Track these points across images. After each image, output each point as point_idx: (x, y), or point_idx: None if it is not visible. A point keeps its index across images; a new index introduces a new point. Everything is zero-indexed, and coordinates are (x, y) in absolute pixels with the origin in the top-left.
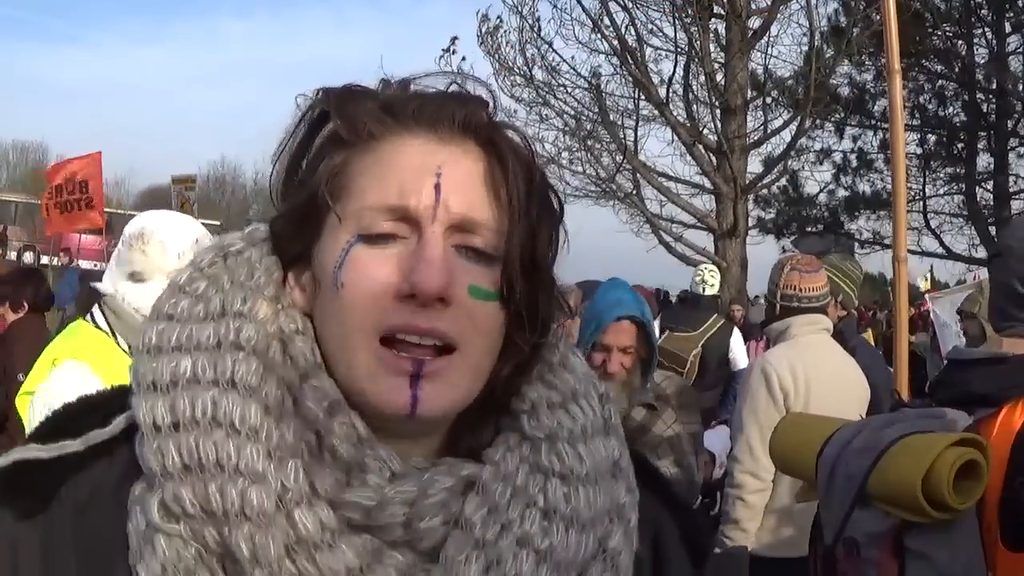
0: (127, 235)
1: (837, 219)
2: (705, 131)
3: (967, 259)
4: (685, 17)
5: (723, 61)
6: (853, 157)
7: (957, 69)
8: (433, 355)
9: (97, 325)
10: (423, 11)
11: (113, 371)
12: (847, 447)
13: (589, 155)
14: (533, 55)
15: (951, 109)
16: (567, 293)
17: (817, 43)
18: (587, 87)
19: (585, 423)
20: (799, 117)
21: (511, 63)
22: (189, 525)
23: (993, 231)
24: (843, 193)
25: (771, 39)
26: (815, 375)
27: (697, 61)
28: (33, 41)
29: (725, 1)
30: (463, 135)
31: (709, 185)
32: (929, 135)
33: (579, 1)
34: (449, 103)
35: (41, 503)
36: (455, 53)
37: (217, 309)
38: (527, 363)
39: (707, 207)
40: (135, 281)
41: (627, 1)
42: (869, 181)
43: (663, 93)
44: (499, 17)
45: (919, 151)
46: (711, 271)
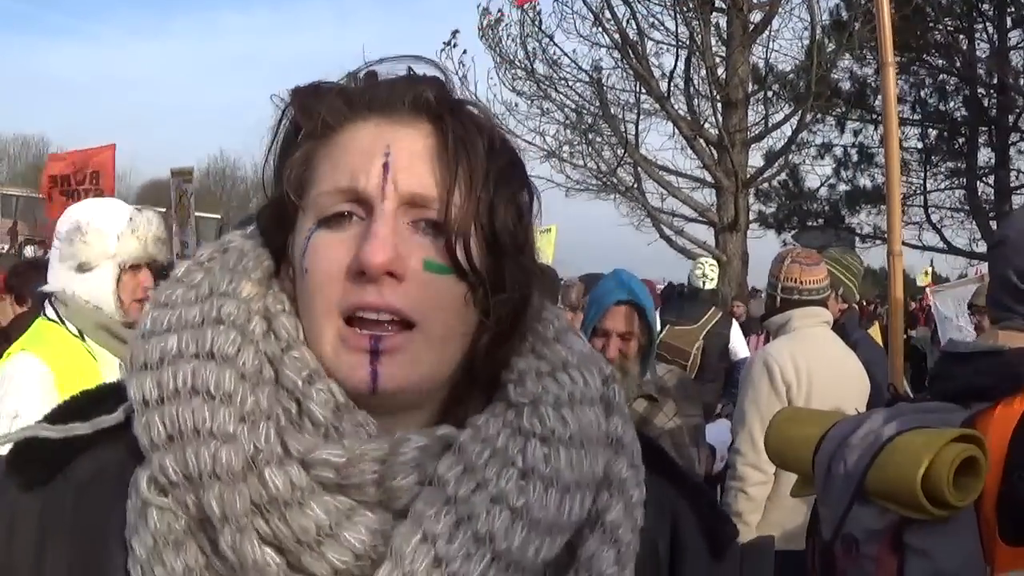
0: (63, 232)
1: (838, 213)
2: (706, 125)
3: (968, 254)
4: (686, 11)
5: (724, 55)
6: (854, 151)
7: (958, 64)
8: (394, 331)
9: (48, 318)
10: (424, 4)
11: (60, 353)
12: (844, 443)
13: (590, 149)
14: (534, 49)
15: (952, 104)
16: (570, 286)
17: (818, 37)
18: (588, 81)
19: (573, 390)
20: (800, 111)
21: (512, 57)
22: (174, 495)
23: (994, 226)
24: (844, 187)
25: (772, 33)
26: (817, 368)
27: (698, 55)
28: (33, 34)
29: None
30: (415, 114)
31: (710, 179)
32: (930, 130)
33: None
34: (399, 86)
35: (45, 478)
36: (456, 46)
37: (205, 292)
38: (507, 334)
39: (708, 201)
40: (82, 272)
41: None
42: (870, 175)
43: (664, 87)
44: (500, 10)
45: (920, 146)
46: (711, 265)
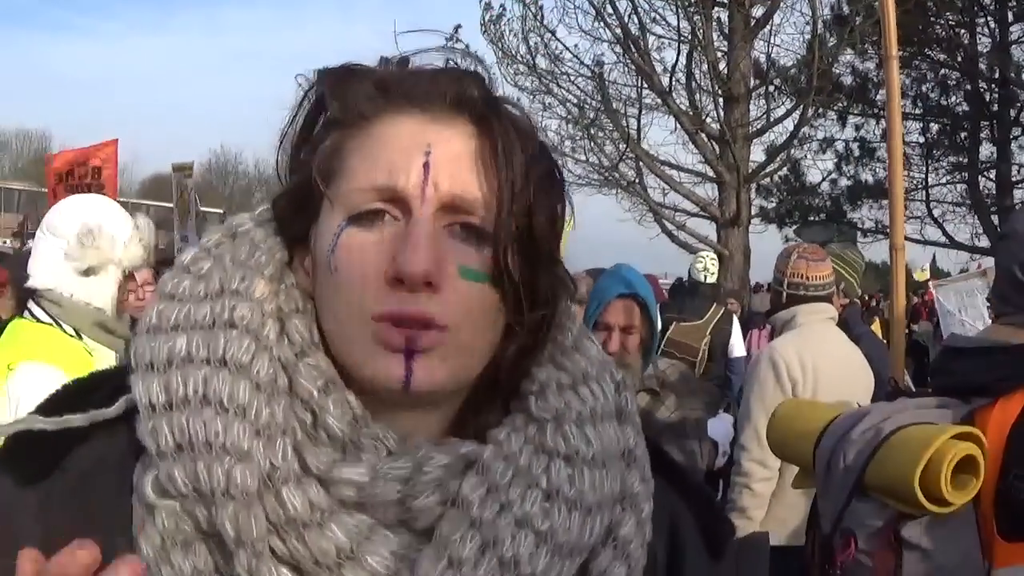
0: (73, 234)
1: (840, 208)
2: (708, 120)
3: (970, 248)
4: (688, 5)
5: (726, 50)
6: (855, 146)
7: (960, 58)
8: (425, 331)
9: (38, 319)
10: None
11: (66, 359)
12: (845, 437)
13: (592, 143)
14: (536, 43)
15: (954, 98)
16: (577, 280)
17: (820, 32)
18: (590, 75)
19: (595, 406)
20: (802, 106)
21: (514, 51)
22: (182, 504)
23: (996, 220)
24: (845, 182)
25: (774, 28)
26: (823, 364)
27: (700, 50)
28: (36, 29)
29: None
30: (456, 112)
31: (712, 174)
32: (932, 124)
33: None
34: (441, 80)
35: (42, 471)
36: (458, 42)
37: (215, 288)
38: (533, 344)
39: (710, 196)
40: (87, 275)
41: None
42: (871, 170)
43: (666, 82)
44: (502, 5)
45: (922, 140)
46: (711, 259)
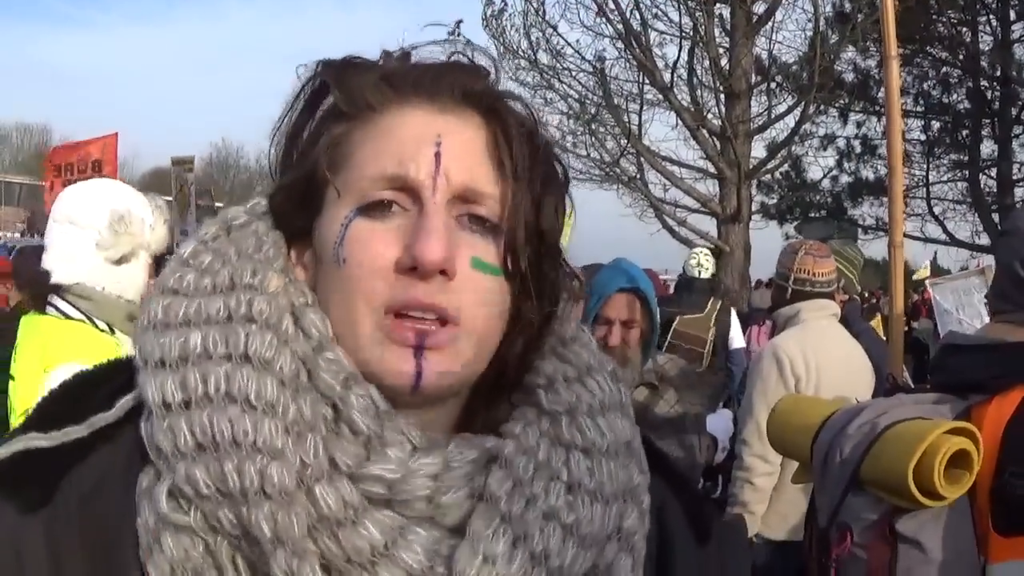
0: (103, 223)
1: (840, 205)
2: (709, 116)
3: (970, 246)
4: (690, 1)
5: (728, 46)
6: (856, 143)
7: (961, 56)
8: (436, 327)
9: (67, 315)
10: None
11: (103, 357)
12: (842, 432)
13: (593, 139)
14: (538, 39)
15: (955, 96)
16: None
17: (822, 29)
18: (591, 71)
19: (603, 397)
20: (803, 103)
21: (515, 46)
22: (203, 508)
23: (996, 218)
24: (846, 179)
25: (776, 24)
26: (825, 360)
27: (702, 46)
28: (36, 22)
29: None
30: (463, 104)
31: (713, 170)
32: (933, 122)
33: None
34: (449, 72)
35: (44, 496)
36: (460, 36)
37: (226, 282)
38: (538, 337)
39: (711, 192)
40: (119, 264)
41: None
42: (872, 167)
43: (667, 77)
44: (504, 0)
45: (923, 138)
46: (705, 254)
